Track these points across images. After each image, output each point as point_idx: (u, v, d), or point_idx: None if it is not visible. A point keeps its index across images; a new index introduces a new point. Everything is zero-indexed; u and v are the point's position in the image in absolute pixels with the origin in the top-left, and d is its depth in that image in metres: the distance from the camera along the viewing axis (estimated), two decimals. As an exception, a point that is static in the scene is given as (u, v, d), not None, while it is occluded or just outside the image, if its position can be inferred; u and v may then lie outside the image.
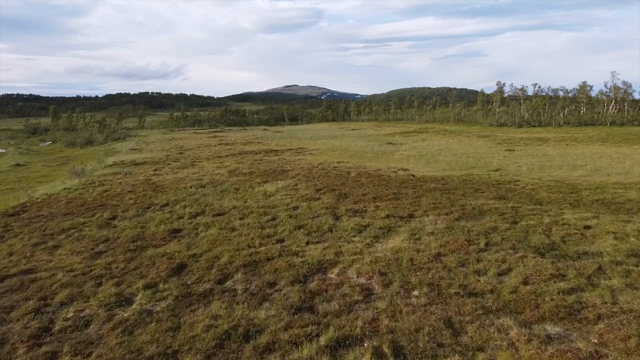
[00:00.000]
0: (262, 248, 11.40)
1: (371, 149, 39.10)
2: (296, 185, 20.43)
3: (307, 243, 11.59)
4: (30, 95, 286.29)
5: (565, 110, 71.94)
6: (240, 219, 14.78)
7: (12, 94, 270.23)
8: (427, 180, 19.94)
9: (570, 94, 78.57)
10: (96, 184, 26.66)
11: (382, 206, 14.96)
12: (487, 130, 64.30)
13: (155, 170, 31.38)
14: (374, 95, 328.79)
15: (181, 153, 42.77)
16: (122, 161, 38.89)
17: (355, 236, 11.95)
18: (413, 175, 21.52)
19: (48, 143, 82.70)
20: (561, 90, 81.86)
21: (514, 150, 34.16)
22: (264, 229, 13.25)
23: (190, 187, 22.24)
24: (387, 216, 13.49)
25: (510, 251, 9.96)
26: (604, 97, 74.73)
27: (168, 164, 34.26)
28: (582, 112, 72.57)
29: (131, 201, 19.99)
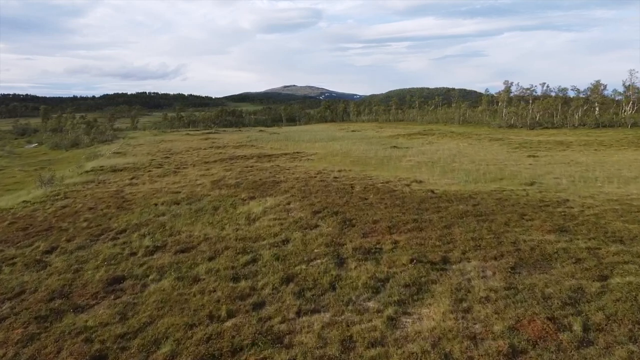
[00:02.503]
0: (229, 323, 7.49)
1: (375, 154, 35.17)
2: (289, 203, 16.53)
3: (299, 313, 7.69)
4: (26, 95, 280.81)
5: (580, 111, 67.62)
6: (210, 259, 10.89)
7: (9, 94, 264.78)
8: (451, 199, 15.97)
9: (582, 94, 74.17)
10: (60, 196, 23.14)
11: (401, 242, 11.03)
12: (498, 132, 60.18)
13: (132, 178, 27.82)
14: (373, 96, 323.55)
15: (167, 157, 39.02)
16: (101, 167, 35.28)
17: (369, 300, 8.05)
18: (432, 192, 17.55)
19: (34, 145, 78.65)
20: (572, 89, 77.13)
21: (538, 157, 30.25)
22: (238, 280, 9.34)
23: (162, 204, 18.41)
24: (412, 261, 9.56)
25: (633, 347, 6.04)
26: (621, 96, 70.34)
27: (149, 171, 30.64)
28: (596, 112, 68.36)
29: (85, 224, 16.24)
